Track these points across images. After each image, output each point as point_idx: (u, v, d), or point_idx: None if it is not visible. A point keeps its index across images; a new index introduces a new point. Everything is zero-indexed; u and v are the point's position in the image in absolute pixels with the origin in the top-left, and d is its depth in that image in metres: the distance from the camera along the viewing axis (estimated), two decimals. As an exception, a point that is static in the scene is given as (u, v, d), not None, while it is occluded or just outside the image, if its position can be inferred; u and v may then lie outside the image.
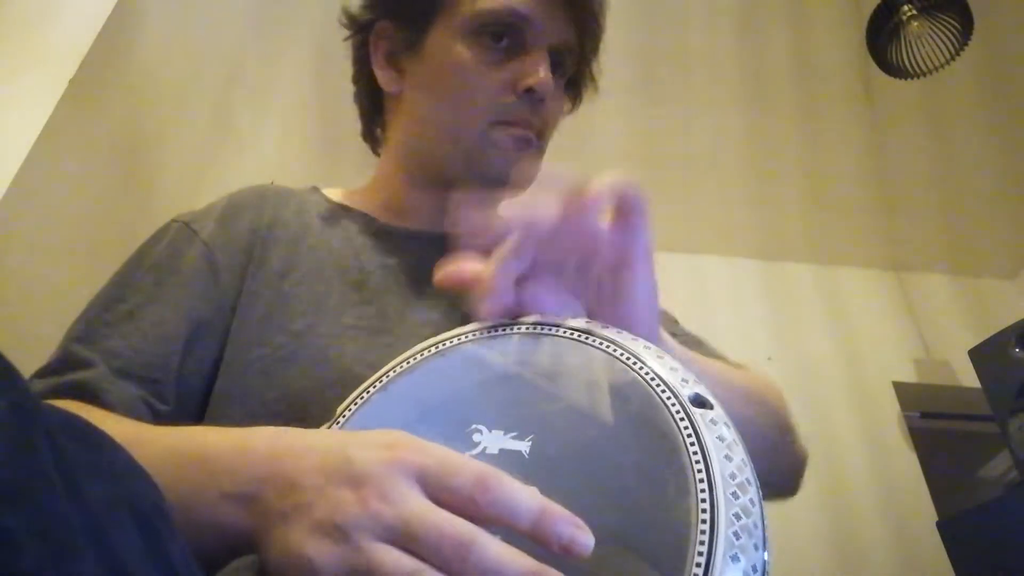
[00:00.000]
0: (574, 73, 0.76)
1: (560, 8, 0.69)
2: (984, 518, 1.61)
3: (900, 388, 2.38)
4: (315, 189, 0.76)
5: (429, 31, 0.70)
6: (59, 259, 0.88)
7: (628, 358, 0.38)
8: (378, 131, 0.79)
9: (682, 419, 0.34)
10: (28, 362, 0.63)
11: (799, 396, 1.11)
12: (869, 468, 2.21)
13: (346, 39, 0.77)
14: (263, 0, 1.55)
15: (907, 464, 2.24)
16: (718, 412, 0.36)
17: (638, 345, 0.39)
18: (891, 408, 2.35)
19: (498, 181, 0.65)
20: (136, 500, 0.27)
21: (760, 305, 2.53)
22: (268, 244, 0.66)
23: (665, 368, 0.37)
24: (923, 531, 1.89)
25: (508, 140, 0.67)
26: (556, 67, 0.70)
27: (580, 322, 0.42)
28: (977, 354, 1.79)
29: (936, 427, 2.35)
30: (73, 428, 0.27)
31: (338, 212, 0.72)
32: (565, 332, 0.41)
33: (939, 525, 1.70)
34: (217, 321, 0.61)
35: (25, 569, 0.21)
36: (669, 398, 0.36)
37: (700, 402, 0.36)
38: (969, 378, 1.89)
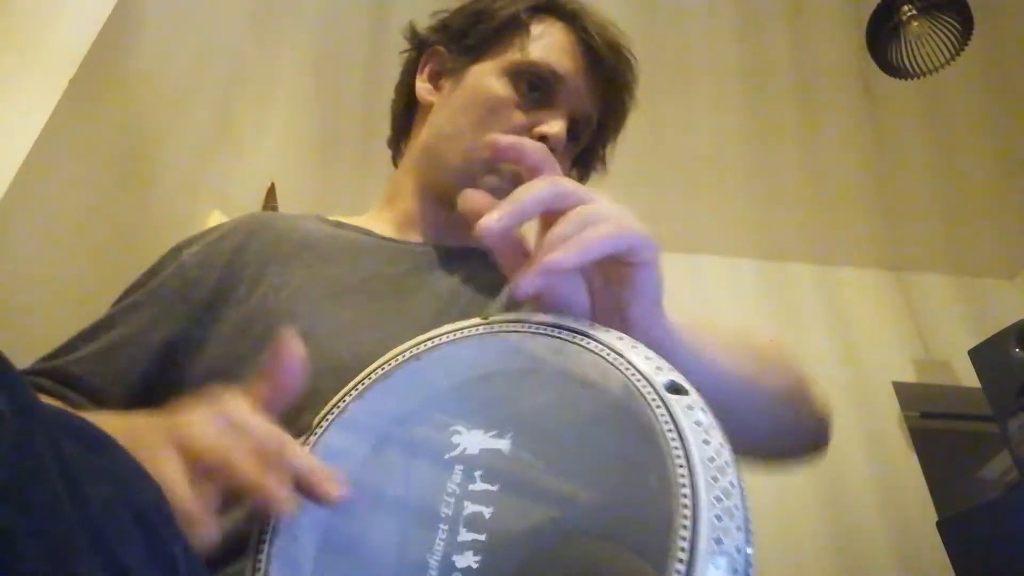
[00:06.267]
0: (586, 147, 0.82)
1: (594, 82, 0.77)
2: (984, 518, 1.62)
3: (900, 388, 2.38)
4: (317, 216, 0.79)
5: (476, 62, 0.78)
6: (59, 259, 0.88)
7: (601, 349, 0.38)
8: (403, 145, 0.85)
9: (659, 406, 0.35)
10: (28, 362, 0.63)
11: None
12: (869, 468, 2.21)
13: (402, 52, 0.85)
14: (263, 0, 1.55)
15: (907, 464, 2.24)
16: (694, 398, 0.36)
17: (611, 336, 0.39)
18: (891, 408, 2.35)
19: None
20: (138, 501, 0.27)
21: (760, 305, 2.53)
22: (262, 263, 0.68)
23: (639, 357, 0.38)
24: (923, 531, 1.89)
25: (508, 174, 0.71)
26: (571, 133, 0.76)
27: (550, 316, 0.42)
28: (977, 354, 1.80)
29: (936, 427, 2.35)
30: (75, 430, 0.27)
31: (337, 229, 0.76)
32: (536, 328, 0.41)
33: (939, 525, 1.70)
34: (181, 340, 0.64)
35: (24, 570, 0.21)
36: (644, 387, 0.36)
37: (675, 388, 0.36)
38: (969, 378, 1.89)
